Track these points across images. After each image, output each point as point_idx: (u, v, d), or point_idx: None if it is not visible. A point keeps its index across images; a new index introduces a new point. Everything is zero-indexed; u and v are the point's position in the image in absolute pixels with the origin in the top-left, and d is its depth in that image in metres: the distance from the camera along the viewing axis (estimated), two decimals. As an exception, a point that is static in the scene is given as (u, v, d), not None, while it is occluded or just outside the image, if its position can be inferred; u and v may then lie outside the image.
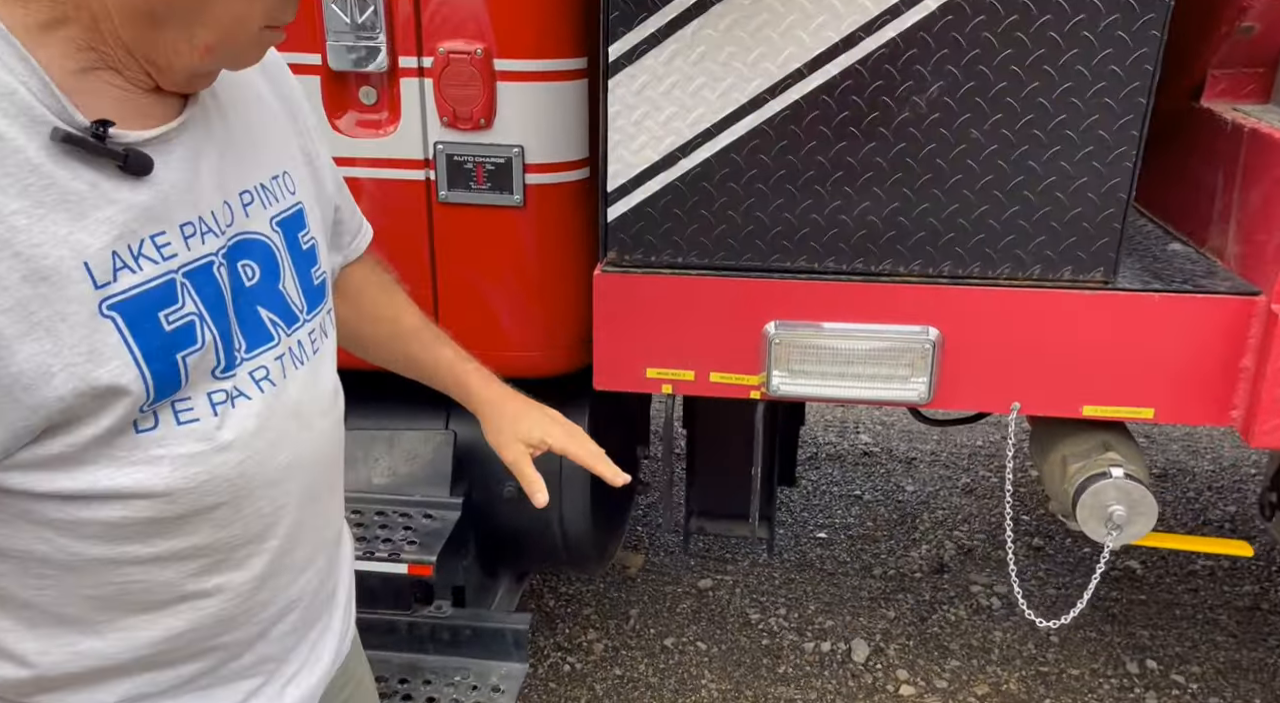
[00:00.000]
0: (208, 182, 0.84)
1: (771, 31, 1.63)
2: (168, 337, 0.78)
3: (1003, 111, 1.61)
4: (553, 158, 1.90)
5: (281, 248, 0.92)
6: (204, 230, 0.83)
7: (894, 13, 1.58)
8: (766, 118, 1.68)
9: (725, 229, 1.77)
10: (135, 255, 0.76)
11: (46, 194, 0.71)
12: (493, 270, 1.98)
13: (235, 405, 0.84)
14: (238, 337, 0.85)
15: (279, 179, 0.94)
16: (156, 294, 0.78)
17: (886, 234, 1.72)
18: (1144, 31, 1.52)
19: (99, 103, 0.76)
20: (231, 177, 0.88)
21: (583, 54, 1.88)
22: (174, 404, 0.79)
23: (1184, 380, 1.66)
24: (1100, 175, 1.61)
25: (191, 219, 0.81)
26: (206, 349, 0.81)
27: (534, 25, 1.83)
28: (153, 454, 0.78)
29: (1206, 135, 1.85)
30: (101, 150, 0.74)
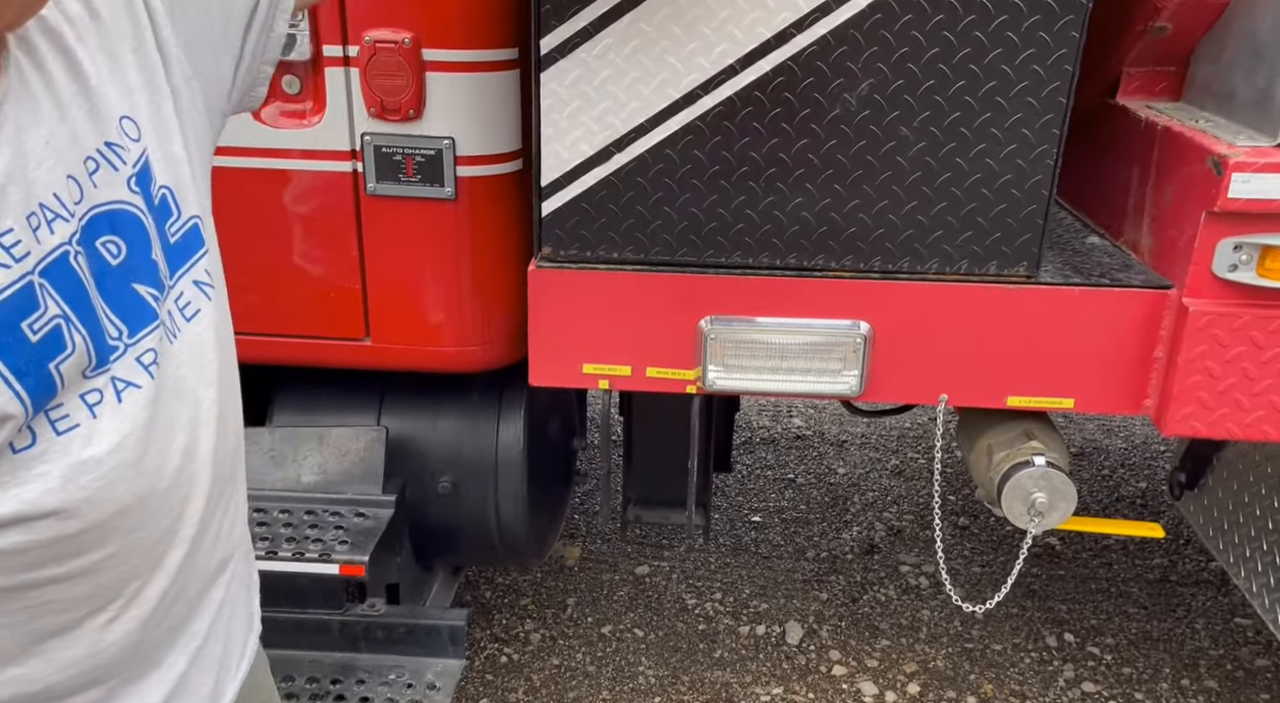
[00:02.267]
0: (42, 158, 0.72)
1: (705, 27, 1.62)
2: (34, 348, 0.70)
3: (930, 109, 1.64)
4: (485, 150, 1.87)
5: (144, 210, 0.81)
6: (50, 218, 0.72)
7: (825, 10, 1.59)
8: (700, 113, 1.68)
9: (660, 225, 1.76)
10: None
11: None
12: (425, 264, 1.94)
13: (122, 399, 0.76)
14: (113, 324, 0.77)
15: (120, 128, 0.80)
16: (15, 302, 0.69)
17: (819, 230, 1.74)
18: (1064, 32, 1.56)
19: None
20: (69, 145, 0.75)
21: (514, 44, 1.84)
22: (48, 414, 0.72)
23: (1102, 371, 1.72)
24: (1023, 172, 1.65)
25: (33, 208, 0.71)
26: (78, 351, 0.73)
27: (463, 14, 1.79)
28: (35, 472, 0.71)
29: (1122, 132, 1.91)
30: None
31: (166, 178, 0.85)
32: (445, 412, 2.16)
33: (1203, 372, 1.61)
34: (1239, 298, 1.59)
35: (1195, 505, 2.38)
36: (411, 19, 1.77)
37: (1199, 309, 1.60)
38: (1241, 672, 2.62)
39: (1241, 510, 2.14)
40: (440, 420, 2.15)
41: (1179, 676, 2.61)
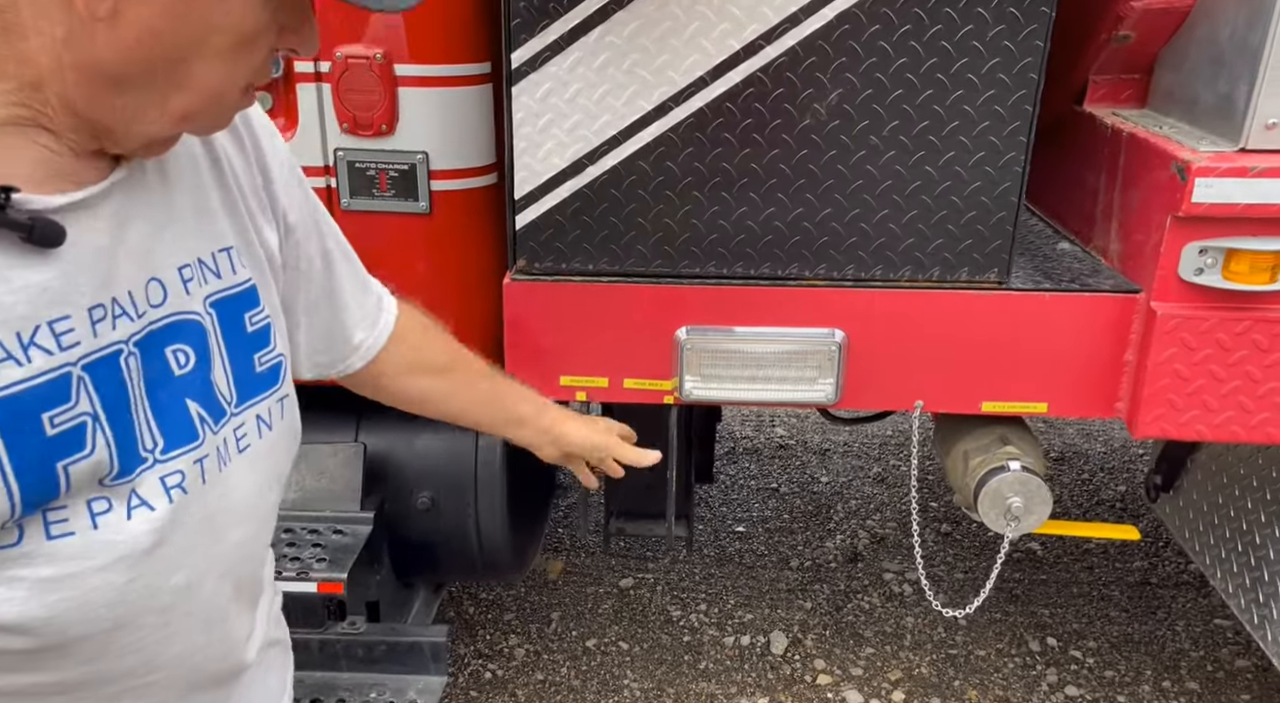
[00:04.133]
0: (134, 255, 0.72)
1: (675, 39, 1.63)
2: (47, 442, 0.66)
3: (899, 118, 1.65)
4: (458, 164, 1.87)
5: (215, 331, 0.80)
6: (117, 313, 0.71)
7: (793, 21, 1.60)
8: (672, 125, 1.69)
9: (634, 236, 1.77)
10: (25, 345, 0.65)
11: None
12: (399, 279, 1.91)
13: (131, 517, 0.70)
14: (149, 434, 0.73)
15: (228, 253, 0.82)
16: (43, 391, 0.66)
17: (792, 239, 1.75)
18: (1028, 42, 1.58)
19: (15, 161, 0.65)
20: (168, 249, 0.76)
21: (486, 59, 1.85)
22: (45, 513, 0.66)
23: (1074, 375, 1.74)
24: (993, 180, 1.67)
25: (104, 301, 0.70)
26: (96, 456, 0.68)
27: (435, 30, 1.80)
28: (6, 575, 0.65)
29: (1090, 139, 1.93)
30: (3, 221, 0.63)
31: (270, 310, 0.87)
32: (423, 427, 2.15)
33: (1172, 374, 1.63)
34: (1206, 301, 1.61)
35: (1171, 508, 2.40)
36: (383, 34, 1.77)
37: (1166, 313, 1.62)
38: (1222, 673, 2.64)
39: (1216, 512, 2.16)
40: (418, 436, 2.14)
41: (1160, 678, 2.62)
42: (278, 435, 0.87)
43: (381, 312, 1.12)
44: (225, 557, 0.81)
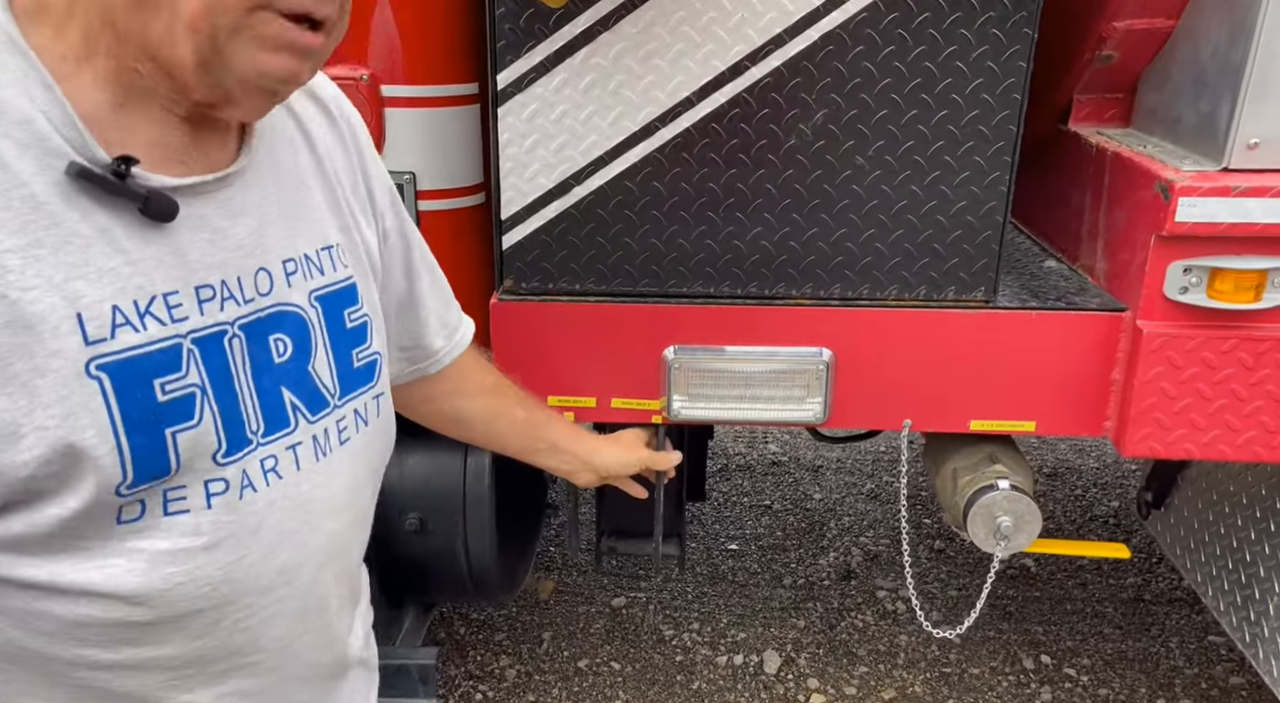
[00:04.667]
0: (244, 244, 0.76)
1: (660, 60, 1.64)
2: (159, 408, 0.69)
3: (884, 138, 1.66)
4: (445, 184, 1.88)
5: (318, 324, 0.83)
6: (225, 296, 0.75)
7: (778, 42, 1.61)
8: (658, 146, 1.69)
9: (621, 255, 1.77)
10: (141, 313, 0.68)
11: (48, 234, 0.64)
12: (387, 299, 1.94)
13: (243, 497, 0.74)
14: (253, 417, 0.76)
15: (330, 251, 0.86)
16: (157, 358, 0.69)
17: (779, 258, 1.75)
18: (1011, 62, 1.59)
19: (133, 141, 0.69)
20: (275, 242, 0.80)
21: (473, 79, 1.86)
22: (166, 492, 0.70)
23: (1061, 394, 1.74)
24: (978, 199, 1.68)
25: (212, 282, 0.74)
26: (204, 428, 0.72)
27: (422, 51, 1.81)
28: (128, 546, 0.68)
29: (1075, 158, 1.94)
30: (121, 190, 0.66)
31: (369, 308, 0.90)
32: (411, 447, 2.14)
33: (1158, 393, 1.63)
34: (1191, 320, 1.61)
35: (1163, 525, 2.39)
36: (370, 56, 1.78)
37: (1152, 331, 1.62)
38: (1216, 690, 2.63)
39: (1207, 530, 2.16)
40: (406, 456, 2.13)
41: (1155, 695, 2.60)
42: (374, 431, 0.91)
43: (460, 326, 1.20)
44: (323, 547, 0.84)
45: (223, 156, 0.77)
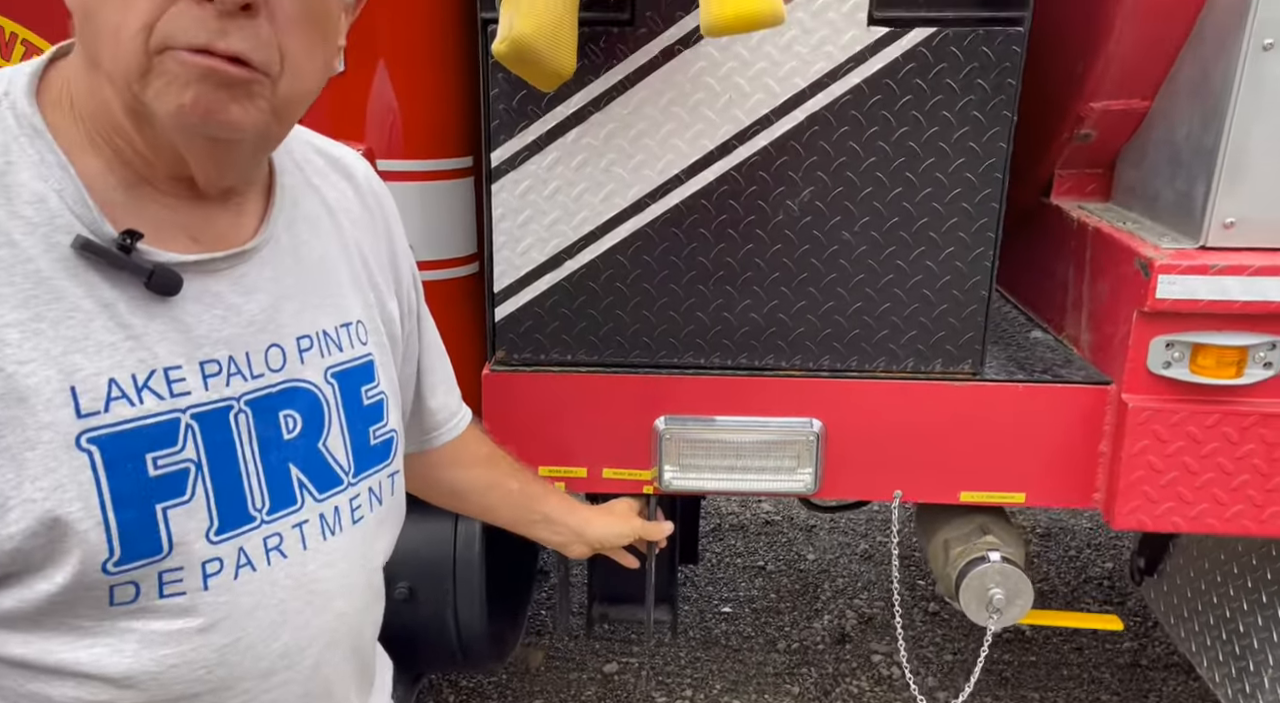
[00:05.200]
0: (256, 319, 0.77)
1: (650, 140, 1.68)
2: (149, 482, 0.69)
3: (870, 215, 1.69)
4: (440, 255, 1.90)
5: (333, 402, 0.83)
6: (233, 371, 0.75)
7: (765, 123, 1.65)
8: (649, 220, 1.72)
9: (612, 327, 1.79)
10: (139, 387, 0.69)
11: (50, 308, 0.65)
12: (380, 368, 1.95)
13: (239, 576, 0.73)
14: (258, 494, 0.76)
15: (350, 328, 0.87)
16: (152, 432, 0.69)
17: (768, 330, 1.78)
18: (992, 143, 1.63)
19: (143, 220, 0.71)
20: (290, 318, 0.80)
21: (468, 153, 1.89)
22: (161, 574, 0.69)
23: (1050, 466, 1.75)
24: (963, 274, 1.71)
25: (219, 357, 0.74)
26: (195, 504, 0.71)
27: (418, 126, 1.84)
28: (120, 626, 0.68)
29: (1058, 231, 1.98)
30: (125, 263, 0.68)
31: (386, 386, 0.91)
32: (402, 515, 2.13)
33: (1145, 466, 1.64)
34: (1175, 394, 1.63)
35: (1156, 592, 2.38)
36: (366, 132, 1.82)
37: (1138, 405, 1.63)
38: (1216, 759, 2.59)
39: (1199, 598, 2.15)
40: (397, 524, 2.12)
41: (1154, 765, 2.57)
42: (388, 510, 0.90)
43: (461, 406, 1.22)
44: (329, 628, 0.82)
45: (238, 234, 0.78)
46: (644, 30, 1.62)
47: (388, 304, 0.95)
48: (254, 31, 0.69)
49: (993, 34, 1.57)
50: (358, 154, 1.04)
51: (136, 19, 0.67)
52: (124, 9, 0.67)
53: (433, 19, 1.77)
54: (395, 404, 0.93)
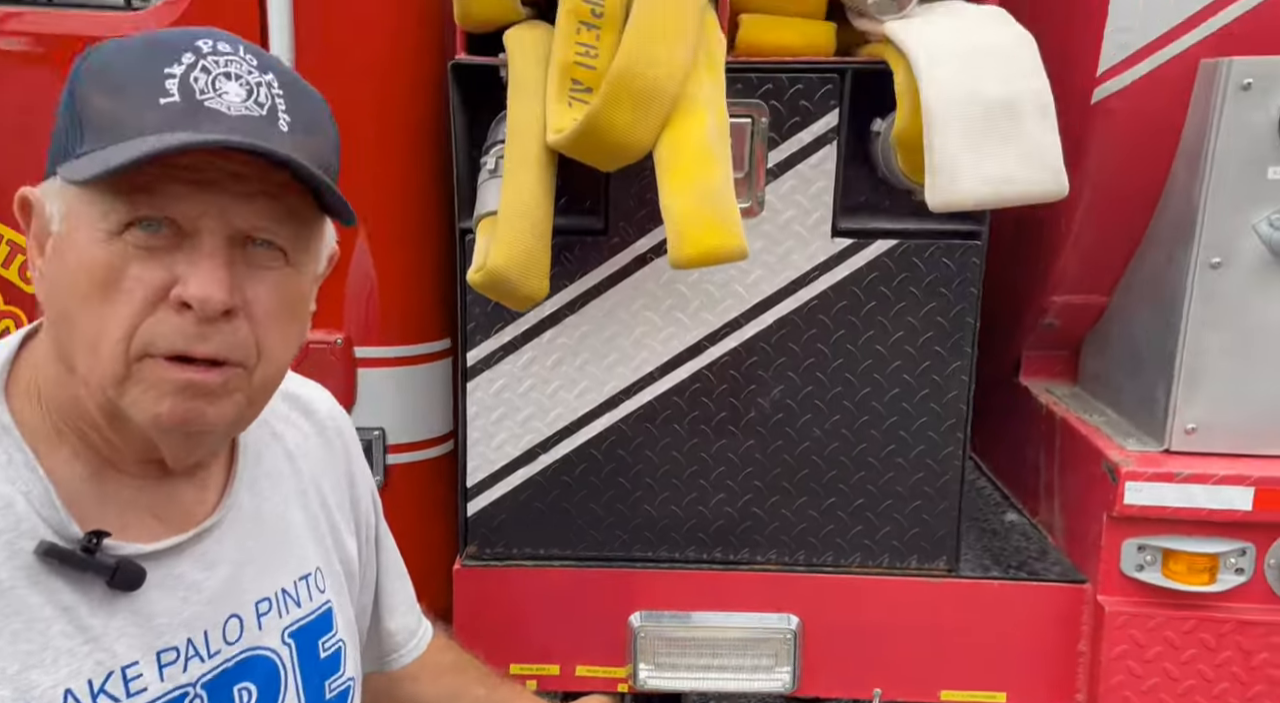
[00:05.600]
0: (217, 594, 0.78)
1: (624, 340, 1.71)
2: None
3: (840, 414, 1.71)
4: (415, 437, 1.90)
5: (290, 664, 0.84)
6: (190, 655, 0.76)
7: (735, 326, 1.69)
8: (623, 416, 1.74)
9: (586, 522, 1.78)
10: (95, 693, 0.69)
11: (8, 622, 0.66)
12: (351, 556, 1.92)
13: None
14: None
15: (308, 579, 0.88)
16: None
17: (743, 525, 1.77)
18: (957, 348, 1.67)
19: (109, 508, 0.72)
20: (251, 585, 0.81)
21: (445, 336, 1.92)
22: None
23: (1030, 664, 1.72)
24: (934, 472, 1.72)
25: (177, 643, 0.75)
26: None
27: (396, 313, 1.87)
28: None
29: (1027, 411, 2.01)
30: (89, 564, 0.69)
31: (344, 631, 0.91)
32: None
33: (1125, 671, 1.62)
34: (1151, 598, 1.62)
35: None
36: (345, 320, 1.84)
37: (1114, 609, 1.62)
38: None
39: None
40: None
41: None
42: None
43: (422, 625, 1.20)
44: None
45: (202, 507, 0.79)
46: (617, 239, 1.68)
47: (346, 545, 0.96)
48: (232, 332, 0.71)
49: (953, 246, 1.63)
50: (322, 391, 1.06)
51: (118, 328, 0.69)
52: (104, 318, 0.68)
53: (408, 206, 1.81)
54: (353, 647, 0.94)
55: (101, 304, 0.69)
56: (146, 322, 0.69)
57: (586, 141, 1.39)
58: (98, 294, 0.69)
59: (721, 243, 1.34)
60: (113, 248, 0.69)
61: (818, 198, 1.64)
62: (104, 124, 0.69)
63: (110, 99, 0.70)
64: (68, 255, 0.70)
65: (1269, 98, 1.45)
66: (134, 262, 0.69)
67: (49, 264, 0.72)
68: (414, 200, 1.81)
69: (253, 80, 0.72)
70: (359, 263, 1.82)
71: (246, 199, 0.71)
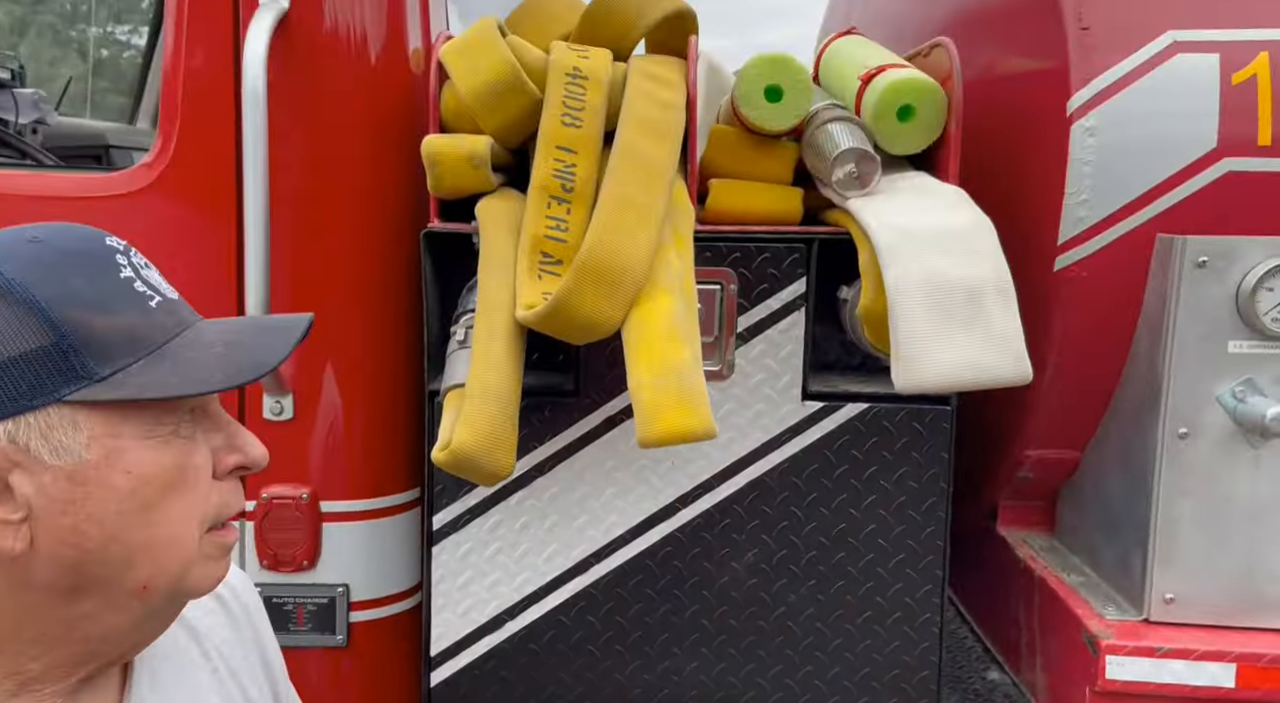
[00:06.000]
0: None
1: (594, 502, 1.68)
2: None
3: (816, 578, 1.68)
4: (379, 592, 1.84)
5: None
6: None
7: (707, 488, 1.67)
8: (593, 581, 1.70)
9: (554, 691, 1.71)
10: None
11: None
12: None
13: None
14: None
15: None
16: None
17: (717, 694, 1.71)
18: (931, 513, 1.65)
19: None
20: None
21: (414, 486, 1.88)
22: None
23: None
24: (911, 640, 1.67)
25: None
26: None
27: (363, 468, 1.84)
28: None
29: (1005, 563, 1.98)
30: None
31: None
32: None
33: None
34: (1141, 779, 1.57)
35: None
36: (311, 475, 1.80)
37: (1103, 790, 1.57)
38: None
39: None
40: None
41: None
42: None
43: None
44: None
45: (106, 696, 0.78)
46: (588, 400, 1.67)
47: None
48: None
49: (923, 411, 1.63)
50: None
51: (195, 517, 0.74)
52: (182, 511, 0.73)
53: (381, 361, 1.80)
54: None
55: (174, 502, 0.72)
56: (212, 498, 0.75)
57: (555, 321, 1.40)
58: (168, 495, 0.72)
59: (689, 423, 1.33)
60: (174, 447, 0.73)
61: (787, 361, 1.65)
62: (123, 339, 0.72)
63: (112, 317, 0.72)
64: (116, 475, 0.71)
65: (1225, 275, 1.48)
66: (192, 452, 0.74)
67: (68, 499, 0.70)
68: (386, 356, 1.80)
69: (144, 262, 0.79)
70: (326, 416, 1.80)
71: None
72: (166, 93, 1.67)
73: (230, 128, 1.62)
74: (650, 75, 1.62)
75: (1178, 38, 1.55)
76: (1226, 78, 1.53)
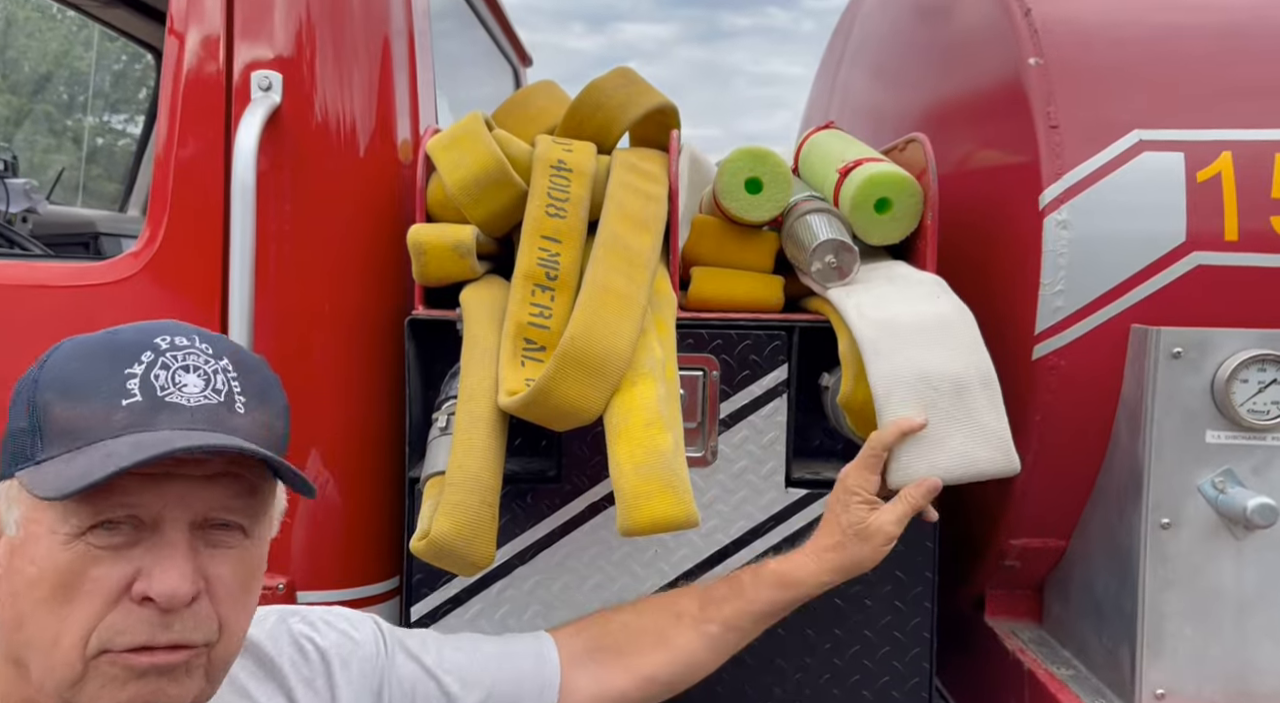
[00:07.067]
0: None
1: (576, 592, 1.65)
2: None
3: (801, 672, 1.65)
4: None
5: None
6: None
7: (691, 576, 1.65)
8: (573, 674, 1.65)
9: (532, 792, 1.65)
10: None
11: None
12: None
13: None
14: None
15: None
16: None
17: (700, 794, 1.65)
18: (916, 633, 1.64)
19: None
20: None
21: (393, 575, 1.85)
22: None
23: None
24: (900, 734, 1.63)
25: None
26: None
27: (342, 557, 1.81)
28: None
29: (994, 655, 1.94)
30: None
31: None
32: None
33: None
34: None
35: None
36: (289, 565, 1.77)
37: None
38: None
39: None
40: None
41: None
42: None
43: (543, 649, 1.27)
44: None
45: None
46: (569, 486, 1.65)
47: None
48: (193, 616, 0.73)
49: (906, 500, 1.62)
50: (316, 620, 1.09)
51: (77, 629, 0.69)
52: (63, 620, 0.69)
53: (364, 449, 1.79)
54: None
55: (61, 605, 0.69)
56: (107, 619, 0.71)
57: (538, 408, 1.40)
58: (58, 596, 0.69)
59: (672, 512, 1.32)
60: (74, 550, 0.70)
61: (770, 448, 1.65)
62: (66, 429, 0.72)
63: (73, 406, 0.72)
64: (26, 560, 0.70)
65: (1200, 366, 1.50)
66: (94, 563, 0.71)
67: (4, 568, 0.72)
68: (368, 443, 1.79)
69: (209, 369, 0.76)
70: (307, 505, 1.77)
71: (207, 482, 0.75)
72: (157, 182, 1.70)
73: (219, 218, 1.65)
74: (633, 168, 1.66)
75: (1144, 137, 1.60)
76: (1192, 175, 1.58)
